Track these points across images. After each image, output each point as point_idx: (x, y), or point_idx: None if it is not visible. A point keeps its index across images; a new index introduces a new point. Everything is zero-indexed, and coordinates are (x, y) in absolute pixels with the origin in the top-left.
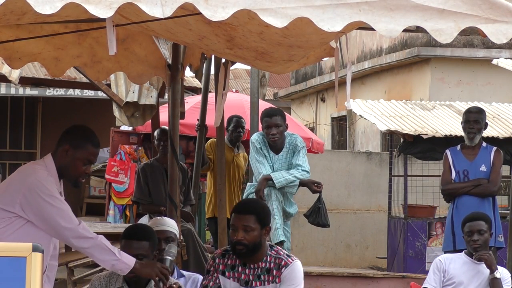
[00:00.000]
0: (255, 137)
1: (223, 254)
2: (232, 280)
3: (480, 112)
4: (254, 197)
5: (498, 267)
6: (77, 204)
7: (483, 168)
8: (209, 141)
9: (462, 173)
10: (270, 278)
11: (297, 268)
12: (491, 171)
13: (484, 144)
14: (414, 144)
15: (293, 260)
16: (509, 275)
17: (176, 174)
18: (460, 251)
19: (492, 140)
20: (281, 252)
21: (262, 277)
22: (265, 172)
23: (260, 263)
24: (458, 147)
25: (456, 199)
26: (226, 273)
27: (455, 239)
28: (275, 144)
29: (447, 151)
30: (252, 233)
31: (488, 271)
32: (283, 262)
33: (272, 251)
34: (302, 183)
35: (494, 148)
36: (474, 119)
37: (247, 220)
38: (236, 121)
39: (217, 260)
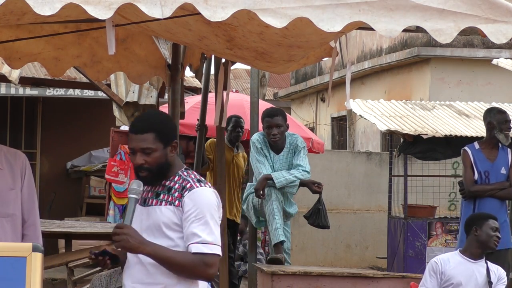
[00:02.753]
0: (255, 137)
1: None
2: (139, 203)
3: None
4: (254, 196)
5: (494, 265)
6: (77, 204)
7: (503, 170)
8: (209, 141)
9: (483, 174)
10: (169, 199)
11: (203, 195)
12: (509, 173)
13: (499, 144)
14: (414, 144)
15: (201, 186)
16: (505, 273)
17: None
18: None
19: None
20: (193, 176)
21: (161, 196)
22: (266, 172)
23: (164, 181)
24: (477, 145)
25: (477, 200)
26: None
27: None
28: (276, 144)
29: (467, 149)
30: (153, 154)
31: (484, 269)
32: (188, 185)
33: (185, 172)
34: (302, 183)
35: (510, 150)
36: (509, 119)
37: (145, 140)
38: (235, 121)
39: None
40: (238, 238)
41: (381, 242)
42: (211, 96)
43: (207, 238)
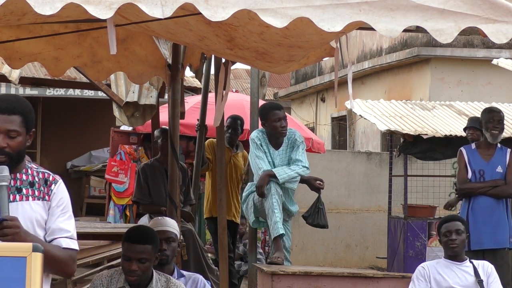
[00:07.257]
0: (254, 134)
1: None
2: None
3: (501, 112)
4: (256, 195)
5: (479, 262)
6: (77, 204)
7: (499, 169)
8: (207, 141)
9: (478, 172)
10: (37, 194)
11: (65, 187)
12: (506, 172)
13: (499, 145)
14: (414, 144)
15: (59, 178)
16: (493, 267)
17: (176, 174)
18: (476, 252)
19: None
20: (41, 167)
21: (24, 190)
22: (265, 167)
23: (19, 174)
24: (473, 146)
25: (471, 199)
26: None
27: (469, 239)
28: (283, 136)
29: (462, 149)
30: (17, 139)
31: (470, 269)
32: (51, 178)
33: (33, 165)
34: (303, 180)
35: (509, 150)
36: (499, 118)
37: (13, 122)
38: (230, 122)
39: None
40: (238, 237)
41: (381, 242)
42: (211, 96)
43: (74, 234)
